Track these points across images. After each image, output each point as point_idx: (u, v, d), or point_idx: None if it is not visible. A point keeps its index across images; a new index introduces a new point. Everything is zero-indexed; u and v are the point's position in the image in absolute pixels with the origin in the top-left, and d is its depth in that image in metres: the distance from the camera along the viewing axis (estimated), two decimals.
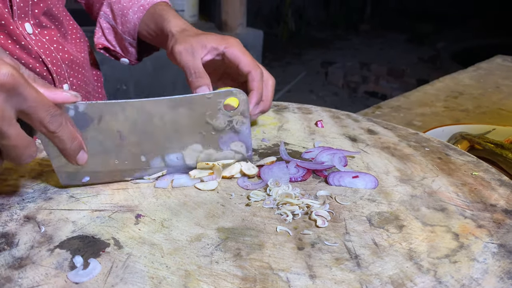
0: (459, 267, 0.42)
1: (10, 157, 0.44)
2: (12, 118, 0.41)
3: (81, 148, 0.49)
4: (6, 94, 0.39)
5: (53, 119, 0.43)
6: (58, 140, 0.45)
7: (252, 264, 0.42)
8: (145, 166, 0.55)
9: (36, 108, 0.41)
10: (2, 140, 0.41)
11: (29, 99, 0.41)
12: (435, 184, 0.57)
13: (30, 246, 0.43)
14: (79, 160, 0.49)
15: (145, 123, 0.52)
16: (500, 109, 1.20)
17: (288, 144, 0.68)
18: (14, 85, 0.39)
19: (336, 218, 0.49)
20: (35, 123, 0.43)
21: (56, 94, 0.45)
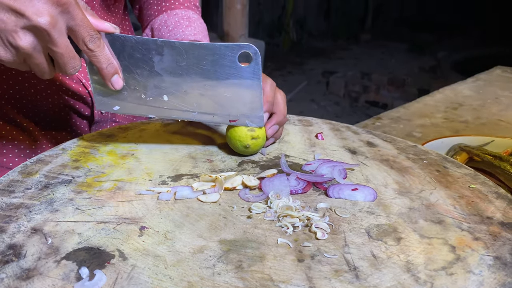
0: (456, 279, 0.43)
1: (58, 65, 0.54)
2: (63, 30, 0.51)
3: (116, 72, 0.59)
4: (60, 9, 0.50)
5: (92, 39, 0.54)
6: (96, 59, 0.56)
7: (253, 276, 0.43)
8: (166, 106, 0.63)
9: (80, 26, 0.52)
10: (52, 46, 0.51)
11: (76, 18, 0.51)
12: (433, 197, 0.58)
13: (37, 257, 0.44)
14: (114, 83, 0.59)
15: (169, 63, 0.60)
16: (499, 120, 1.21)
17: (288, 157, 0.69)
18: (67, 3, 0.50)
19: (336, 231, 0.50)
20: (78, 40, 0.53)
21: (99, 22, 0.55)
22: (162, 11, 0.90)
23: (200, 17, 0.92)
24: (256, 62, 0.60)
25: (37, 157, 0.64)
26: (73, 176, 0.60)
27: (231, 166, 0.65)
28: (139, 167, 0.63)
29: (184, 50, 0.59)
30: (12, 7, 0.48)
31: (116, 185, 0.58)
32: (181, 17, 0.88)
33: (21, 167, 0.61)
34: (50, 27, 0.50)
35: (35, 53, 0.52)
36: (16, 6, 0.48)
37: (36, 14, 0.49)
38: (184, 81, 0.61)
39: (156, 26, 0.89)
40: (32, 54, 0.52)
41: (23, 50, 0.51)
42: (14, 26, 0.49)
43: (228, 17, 3.82)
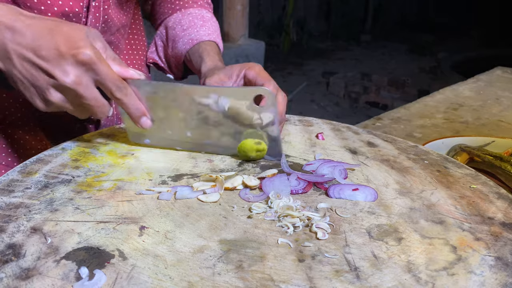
0: (457, 279, 0.43)
1: (89, 112, 0.59)
2: (89, 84, 0.56)
3: (144, 115, 0.63)
4: (85, 68, 0.55)
5: (118, 89, 0.58)
6: (124, 106, 0.61)
7: (253, 276, 0.43)
8: (190, 140, 0.67)
9: (105, 80, 0.57)
10: (81, 99, 0.57)
11: (100, 74, 0.56)
12: (434, 197, 0.58)
13: (37, 257, 0.44)
14: (142, 123, 0.64)
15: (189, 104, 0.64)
16: (499, 121, 1.21)
17: (289, 157, 0.69)
18: (91, 63, 0.55)
19: (336, 231, 0.50)
20: (106, 91, 0.58)
21: (125, 70, 0.60)
22: (176, 10, 0.92)
23: (213, 16, 0.94)
24: (271, 103, 0.62)
25: (37, 156, 0.64)
26: (73, 175, 0.60)
27: (232, 166, 0.65)
28: (139, 167, 0.63)
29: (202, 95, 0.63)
30: (43, 68, 0.54)
31: (116, 185, 0.58)
32: (195, 16, 0.90)
33: (20, 167, 0.61)
34: (75, 85, 0.55)
35: (66, 104, 0.58)
36: (47, 67, 0.54)
37: (63, 75, 0.54)
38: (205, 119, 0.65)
39: (170, 24, 0.91)
40: (63, 106, 0.58)
41: (54, 104, 0.57)
42: (47, 84, 0.56)
43: (229, 18, 3.82)
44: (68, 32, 0.55)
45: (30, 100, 0.58)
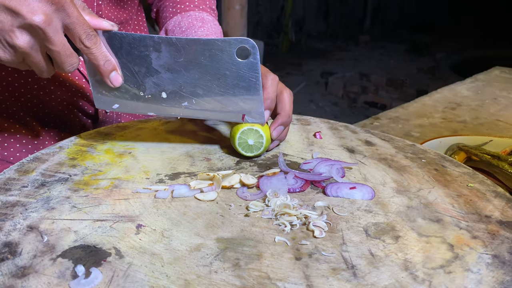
0: (454, 277, 0.43)
1: (56, 63, 0.55)
2: (58, 28, 0.51)
3: (114, 69, 0.58)
4: (55, 7, 0.50)
5: (89, 36, 0.54)
6: (93, 56, 0.56)
7: (250, 274, 0.43)
8: (164, 103, 0.62)
9: (75, 24, 0.52)
10: (48, 44, 0.52)
11: (71, 16, 0.51)
12: (431, 195, 0.58)
13: (33, 255, 0.44)
14: (112, 79, 0.59)
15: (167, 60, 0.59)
16: (497, 121, 1.21)
17: (286, 155, 0.69)
18: (62, 1, 0.50)
19: (334, 229, 0.50)
20: (74, 38, 0.53)
21: (96, 20, 0.55)
22: (176, 13, 0.91)
23: (214, 19, 0.92)
24: (254, 57, 0.58)
25: (34, 155, 0.64)
26: (70, 174, 0.59)
27: (229, 165, 0.65)
28: (137, 166, 0.63)
29: (181, 46, 0.59)
30: (7, 6, 0.49)
31: (113, 183, 0.58)
32: (194, 18, 0.88)
33: (17, 165, 0.60)
34: (45, 25, 0.50)
35: (33, 51, 0.53)
36: (12, 5, 0.49)
37: (31, 13, 0.49)
38: (182, 78, 0.61)
39: (170, 27, 0.90)
40: (29, 53, 0.53)
41: (20, 49, 0.52)
42: (11, 25, 0.50)
43: (227, 17, 3.82)
44: None
45: None
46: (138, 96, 0.62)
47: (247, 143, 0.65)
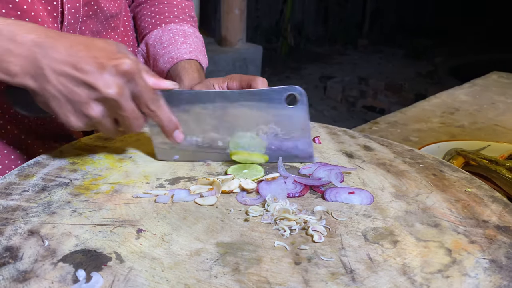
0: (452, 282, 0.43)
1: (125, 126, 0.58)
2: (128, 96, 0.55)
3: (176, 128, 0.62)
4: (126, 79, 0.54)
5: (153, 101, 0.58)
6: (158, 118, 0.60)
7: (250, 279, 0.43)
8: (220, 150, 0.66)
9: (142, 92, 0.56)
10: (120, 111, 0.56)
11: (139, 85, 0.55)
12: (429, 200, 0.59)
13: (34, 259, 0.44)
14: (175, 137, 0.63)
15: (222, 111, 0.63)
16: (495, 125, 1.22)
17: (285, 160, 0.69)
18: (132, 74, 0.54)
19: (332, 234, 0.50)
20: (141, 104, 0.57)
21: (160, 81, 0.59)
22: (156, 25, 0.89)
23: (196, 30, 0.90)
24: (302, 102, 0.62)
25: (35, 159, 0.64)
26: (70, 178, 0.60)
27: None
28: (137, 170, 0.63)
29: (235, 98, 0.62)
30: (85, 81, 0.53)
31: (113, 188, 0.58)
32: (176, 32, 0.87)
33: (18, 170, 0.61)
34: (118, 96, 0.54)
35: (104, 119, 0.57)
36: (89, 80, 0.53)
37: (107, 87, 0.53)
38: (236, 127, 0.64)
39: (150, 42, 0.89)
40: (101, 121, 0.57)
41: (94, 119, 0.56)
42: (87, 98, 0.54)
43: (226, 21, 3.83)
44: (103, 45, 0.55)
45: (63, 119, 0.56)
46: (196, 146, 0.66)
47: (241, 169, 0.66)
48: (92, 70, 0.52)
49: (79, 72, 0.52)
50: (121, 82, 0.54)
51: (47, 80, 0.53)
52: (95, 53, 0.53)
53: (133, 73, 0.54)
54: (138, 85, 0.55)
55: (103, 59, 0.53)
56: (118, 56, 0.54)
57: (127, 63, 0.53)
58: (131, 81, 0.54)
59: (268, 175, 0.62)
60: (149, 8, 0.92)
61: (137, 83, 0.55)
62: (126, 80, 0.54)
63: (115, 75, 0.53)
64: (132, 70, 0.54)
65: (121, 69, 0.53)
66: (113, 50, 0.54)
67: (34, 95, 0.55)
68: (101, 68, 0.53)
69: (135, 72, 0.54)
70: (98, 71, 0.53)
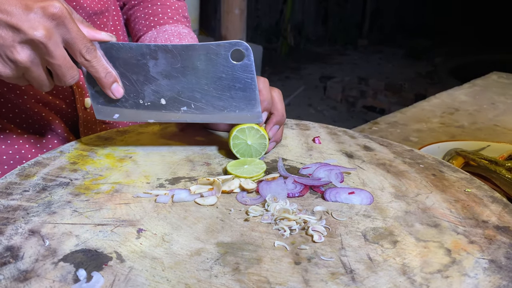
0: (451, 282, 0.44)
1: (56, 76, 0.55)
2: (59, 42, 0.52)
3: (115, 81, 0.60)
4: (55, 22, 0.51)
5: (89, 50, 0.55)
6: (94, 69, 0.57)
7: (250, 278, 0.43)
8: (163, 109, 0.63)
9: (75, 39, 0.53)
10: (49, 58, 0.53)
11: (71, 31, 0.52)
12: (429, 201, 0.59)
13: (34, 259, 0.44)
14: (114, 91, 0.60)
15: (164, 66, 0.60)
16: (495, 126, 1.22)
17: (286, 160, 0.69)
18: (62, 17, 0.51)
19: (332, 234, 0.51)
20: (75, 52, 0.55)
21: (95, 32, 0.57)
22: (150, 27, 0.89)
23: (190, 30, 0.90)
24: (248, 58, 0.60)
25: (35, 159, 0.64)
26: (71, 178, 0.60)
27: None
28: (137, 170, 0.64)
29: (177, 53, 0.60)
30: (9, 23, 0.50)
31: (114, 188, 0.58)
32: (171, 33, 0.86)
33: (18, 170, 0.61)
34: (46, 39, 0.51)
35: (33, 66, 0.54)
36: (13, 21, 0.50)
37: (32, 28, 0.50)
38: (180, 83, 0.62)
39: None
40: (30, 68, 0.54)
41: (21, 64, 0.53)
42: (12, 41, 0.51)
43: (226, 21, 3.84)
44: None
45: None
46: (138, 104, 0.63)
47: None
48: (17, 12, 0.50)
49: (2, 13, 0.50)
50: (49, 25, 0.51)
51: None
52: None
53: (63, 16, 0.51)
54: (69, 31, 0.53)
55: (29, 1, 0.50)
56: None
57: (56, 6, 0.51)
58: (61, 25, 0.52)
59: (268, 175, 0.62)
60: (142, 10, 0.91)
61: (68, 29, 0.52)
62: (55, 24, 0.51)
63: (43, 16, 0.51)
64: (61, 13, 0.51)
65: (49, 11, 0.51)
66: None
67: None
68: (27, 9, 0.50)
69: (65, 16, 0.51)
70: (23, 12, 0.50)
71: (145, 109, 0.64)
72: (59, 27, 0.52)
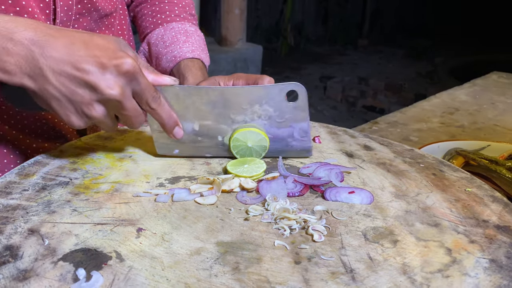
0: (452, 281, 0.43)
1: (126, 123, 0.59)
2: (130, 96, 0.55)
3: (177, 124, 0.63)
4: (128, 79, 0.54)
5: (154, 99, 0.58)
6: (158, 116, 0.60)
7: (250, 278, 0.43)
8: (221, 145, 0.67)
9: (144, 90, 0.56)
10: (122, 111, 0.56)
11: (141, 84, 0.55)
12: (429, 200, 0.59)
13: (34, 258, 0.44)
14: (175, 134, 0.63)
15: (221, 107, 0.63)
16: (495, 125, 1.22)
17: (286, 159, 0.69)
18: (135, 73, 0.54)
19: (332, 233, 0.50)
20: (142, 102, 0.57)
21: (160, 77, 0.60)
22: (158, 24, 0.89)
23: (197, 28, 0.90)
24: (302, 99, 0.63)
25: (35, 159, 0.64)
26: (70, 178, 0.60)
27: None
28: (137, 169, 0.63)
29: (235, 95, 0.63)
30: (87, 82, 0.52)
31: (113, 187, 0.58)
32: (178, 31, 0.87)
33: (18, 169, 0.61)
34: (121, 97, 0.54)
35: (106, 119, 0.56)
36: (91, 80, 0.52)
37: (109, 88, 0.52)
38: (236, 122, 0.65)
39: (153, 41, 0.88)
40: (103, 121, 0.57)
41: (95, 119, 0.55)
42: (89, 99, 0.53)
43: (226, 21, 3.83)
44: (102, 43, 0.53)
45: (64, 118, 0.55)
46: (196, 141, 0.66)
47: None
48: (94, 70, 0.51)
49: (80, 72, 0.51)
50: (123, 83, 0.53)
51: (47, 81, 0.51)
52: (95, 51, 0.52)
53: (135, 72, 0.54)
54: (139, 84, 0.55)
55: (104, 59, 0.52)
56: (119, 55, 0.53)
57: (128, 63, 0.53)
58: (133, 80, 0.54)
59: (268, 175, 0.62)
60: (149, 8, 0.92)
61: (138, 82, 0.55)
62: (128, 80, 0.54)
63: (117, 75, 0.53)
64: (133, 69, 0.53)
65: (123, 69, 0.52)
66: (113, 48, 0.53)
67: (33, 95, 0.54)
68: (103, 68, 0.52)
69: (137, 72, 0.54)
70: (99, 71, 0.52)
71: (203, 146, 0.67)
72: (131, 82, 0.54)
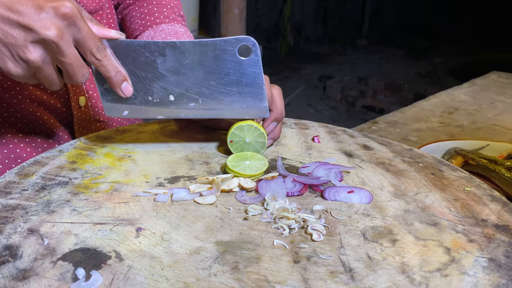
0: (450, 280, 0.44)
1: (67, 75, 0.56)
2: (70, 41, 0.53)
3: (125, 79, 0.60)
4: (67, 22, 0.52)
5: (99, 49, 0.56)
6: (104, 68, 0.58)
7: (249, 277, 0.43)
8: (172, 106, 0.64)
9: (86, 38, 0.54)
10: (61, 57, 0.53)
11: (82, 31, 0.53)
12: (428, 199, 0.59)
13: (33, 258, 0.44)
14: (123, 90, 0.61)
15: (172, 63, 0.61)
16: (494, 125, 1.22)
17: (285, 159, 0.69)
18: (73, 16, 0.51)
19: (332, 232, 0.51)
20: (85, 52, 0.55)
21: (105, 30, 0.57)
22: (147, 26, 0.88)
23: (187, 29, 0.90)
24: (255, 53, 0.61)
25: (34, 158, 0.64)
26: (70, 177, 0.60)
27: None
28: (136, 169, 0.63)
29: (185, 49, 0.60)
30: (20, 23, 0.50)
31: (113, 187, 0.58)
32: (167, 33, 0.86)
33: (17, 169, 0.61)
34: (58, 39, 0.51)
35: (45, 65, 0.54)
36: (25, 21, 0.50)
37: (44, 28, 0.51)
38: (188, 79, 0.63)
39: None
40: (41, 67, 0.54)
41: (33, 63, 0.53)
42: (24, 41, 0.51)
43: (226, 21, 3.83)
44: None
45: (1, 64, 0.53)
46: (147, 101, 0.64)
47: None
48: (29, 11, 0.50)
49: (14, 13, 0.50)
50: (60, 24, 0.51)
51: None
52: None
53: (74, 16, 0.52)
54: (80, 30, 0.53)
55: (41, 1, 0.51)
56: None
57: (67, 6, 0.51)
58: (72, 25, 0.52)
59: (267, 174, 0.62)
60: (137, 10, 0.91)
61: (79, 28, 0.53)
62: (67, 23, 0.52)
63: (54, 16, 0.51)
64: (73, 13, 0.51)
65: (61, 11, 0.51)
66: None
67: None
68: (39, 9, 0.50)
69: (77, 16, 0.52)
70: (35, 12, 0.50)
71: (154, 106, 0.64)
72: (70, 27, 0.52)
